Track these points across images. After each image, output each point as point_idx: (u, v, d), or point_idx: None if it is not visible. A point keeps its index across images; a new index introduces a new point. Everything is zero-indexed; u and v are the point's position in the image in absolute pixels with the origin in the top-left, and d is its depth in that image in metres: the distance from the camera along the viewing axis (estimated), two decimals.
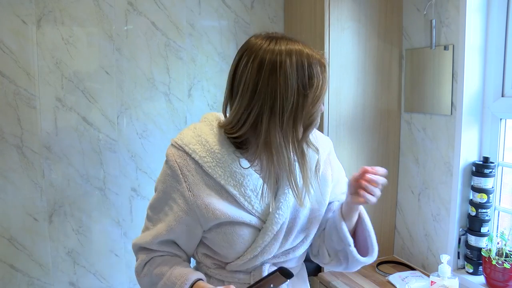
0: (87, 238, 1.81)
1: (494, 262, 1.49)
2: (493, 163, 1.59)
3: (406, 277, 1.70)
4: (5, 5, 1.58)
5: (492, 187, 1.59)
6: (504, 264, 1.47)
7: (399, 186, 1.96)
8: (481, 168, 1.58)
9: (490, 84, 1.61)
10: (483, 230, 1.60)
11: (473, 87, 1.61)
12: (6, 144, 1.64)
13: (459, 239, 1.67)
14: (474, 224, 1.61)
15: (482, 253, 1.55)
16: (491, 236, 1.55)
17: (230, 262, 1.02)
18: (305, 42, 0.93)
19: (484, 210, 1.59)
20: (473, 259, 1.62)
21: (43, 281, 1.75)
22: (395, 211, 1.99)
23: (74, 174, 1.76)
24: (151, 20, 1.82)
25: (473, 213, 1.61)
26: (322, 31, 1.73)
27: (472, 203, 1.62)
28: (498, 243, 1.53)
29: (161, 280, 0.99)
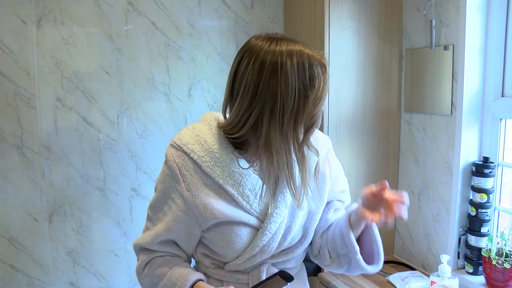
0: (87, 238, 1.81)
1: (494, 262, 1.49)
2: (493, 163, 1.59)
3: (406, 277, 1.70)
4: (5, 5, 1.58)
5: (492, 187, 1.59)
6: (504, 264, 1.47)
7: (399, 186, 1.96)
8: (481, 168, 1.58)
9: (490, 84, 1.61)
10: (483, 230, 1.60)
11: (473, 87, 1.61)
12: (6, 144, 1.64)
13: (459, 239, 1.67)
14: (474, 224, 1.61)
15: (482, 253, 1.55)
16: (491, 236, 1.55)
17: (229, 262, 1.02)
18: (306, 43, 0.93)
19: (484, 210, 1.59)
20: (473, 259, 1.62)
21: (43, 281, 1.75)
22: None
23: (74, 174, 1.76)
24: (151, 20, 1.82)
25: (473, 213, 1.61)
26: (322, 31, 1.73)
27: (472, 203, 1.62)
28: (498, 243, 1.53)
29: (162, 281, 0.99)
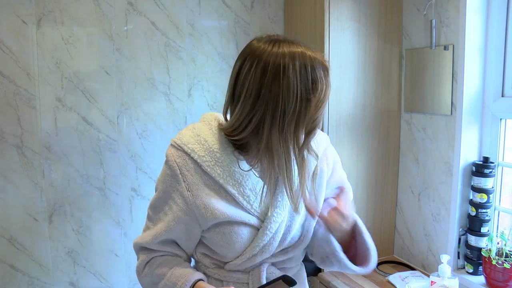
0: (87, 238, 1.81)
1: (494, 262, 1.49)
2: (493, 163, 1.59)
3: (406, 277, 1.70)
4: (5, 5, 1.58)
5: (492, 187, 1.59)
6: (504, 264, 1.47)
7: (399, 186, 1.96)
8: (481, 168, 1.58)
9: (490, 84, 1.61)
10: (483, 230, 1.60)
11: (473, 87, 1.61)
12: (6, 144, 1.64)
13: (459, 239, 1.67)
14: (474, 224, 1.61)
15: (482, 253, 1.55)
16: (491, 236, 1.55)
17: (229, 262, 1.02)
18: (307, 45, 0.92)
19: (484, 210, 1.59)
20: (473, 259, 1.62)
21: (43, 281, 1.75)
22: (395, 211, 1.99)
23: (74, 174, 1.76)
24: (151, 20, 1.82)
25: (473, 213, 1.61)
26: (322, 31, 1.73)
27: (472, 203, 1.62)
28: (498, 243, 1.53)
29: (162, 281, 0.99)
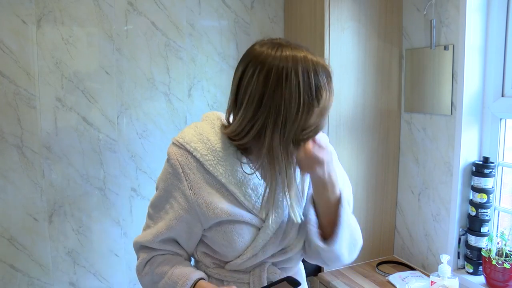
0: (87, 238, 1.81)
1: (494, 262, 1.49)
2: (493, 163, 1.59)
3: (406, 277, 1.71)
4: (5, 5, 1.58)
5: (492, 187, 1.59)
6: (504, 264, 1.47)
7: (399, 186, 1.96)
8: (481, 168, 1.58)
9: (490, 84, 1.61)
10: (483, 230, 1.60)
11: (473, 87, 1.61)
12: (6, 144, 1.64)
13: (459, 239, 1.67)
14: (474, 224, 1.61)
15: (482, 253, 1.55)
16: (491, 236, 1.55)
17: (230, 261, 1.02)
18: (310, 48, 0.92)
19: (484, 210, 1.59)
20: (473, 259, 1.62)
21: (43, 281, 1.75)
22: (395, 211, 1.99)
23: (74, 174, 1.76)
24: (151, 20, 1.82)
25: (473, 213, 1.61)
26: (322, 31, 1.73)
27: (472, 203, 1.62)
28: (498, 243, 1.54)
29: (163, 279, 0.99)
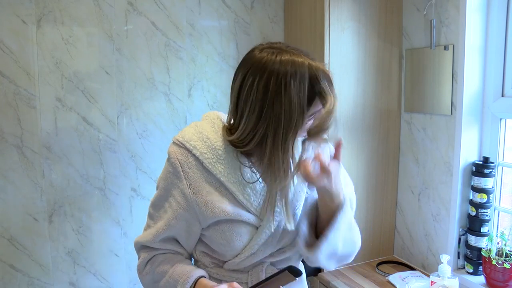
0: (87, 238, 1.81)
1: (494, 262, 1.49)
2: (493, 163, 1.59)
3: (406, 277, 1.71)
4: (5, 5, 1.58)
5: (492, 187, 1.59)
6: (504, 264, 1.47)
7: (399, 186, 1.96)
8: (481, 168, 1.58)
9: (490, 84, 1.61)
10: (483, 230, 1.60)
11: (473, 87, 1.61)
12: (6, 144, 1.64)
13: (459, 239, 1.67)
14: (474, 224, 1.61)
15: (482, 253, 1.55)
16: (491, 236, 1.55)
17: (228, 261, 1.02)
18: (309, 53, 0.91)
19: (484, 210, 1.59)
20: (473, 259, 1.62)
21: (43, 281, 1.75)
22: (395, 211, 1.99)
23: (74, 174, 1.76)
24: (151, 20, 1.82)
25: (473, 213, 1.61)
26: (322, 31, 1.73)
27: (472, 203, 1.62)
28: (498, 243, 1.54)
29: (164, 278, 0.99)
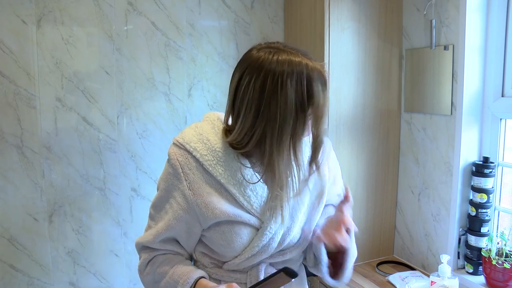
0: (87, 238, 1.81)
1: (494, 262, 1.49)
2: (493, 163, 1.59)
3: (406, 277, 1.70)
4: (5, 5, 1.58)
5: (492, 187, 1.59)
6: (504, 264, 1.47)
7: (399, 186, 1.96)
8: (481, 168, 1.58)
9: (490, 84, 1.61)
10: (483, 230, 1.60)
11: (473, 87, 1.61)
12: (6, 144, 1.64)
13: (459, 239, 1.67)
14: (474, 224, 1.61)
15: (482, 253, 1.55)
16: (491, 236, 1.55)
17: (228, 261, 1.02)
18: (307, 53, 0.92)
19: (484, 210, 1.59)
20: (473, 259, 1.62)
21: (43, 281, 1.75)
22: (395, 211, 1.99)
23: (74, 174, 1.76)
24: (151, 20, 1.82)
25: (473, 213, 1.61)
26: (322, 31, 1.73)
27: (472, 203, 1.62)
28: (498, 243, 1.53)
29: (164, 279, 0.99)
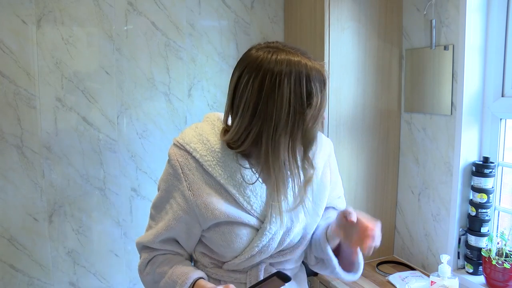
0: (87, 238, 1.81)
1: (494, 262, 1.49)
2: (493, 163, 1.59)
3: (406, 277, 1.70)
4: (5, 5, 1.58)
5: (492, 187, 1.59)
6: (504, 264, 1.47)
7: (399, 186, 1.96)
8: (481, 168, 1.58)
9: (490, 84, 1.61)
10: (483, 230, 1.60)
11: (473, 87, 1.61)
12: (6, 144, 1.64)
13: (459, 239, 1.67)
14: (474, 224, 1.61)
15: (482, 253, 1.55)
16: (491, 236, 1.55)
17: (227, 262, 1.02)
18: (307, 53, 0.92)
19: (484, 210, 1.59)
20: (473, 259, 1.62)
21: (43, 281, 1.75)
22: (395, 211, 1.99)
23: (74, 174, 1.76)
24: (151, 20, 1.82)
25: (473, 213, 1.61)
26: (322, 31, 1.73)
27: (472, 203, 1.62)
28: (498, 243, 1.53)
29: (163, 279, 1.00)
